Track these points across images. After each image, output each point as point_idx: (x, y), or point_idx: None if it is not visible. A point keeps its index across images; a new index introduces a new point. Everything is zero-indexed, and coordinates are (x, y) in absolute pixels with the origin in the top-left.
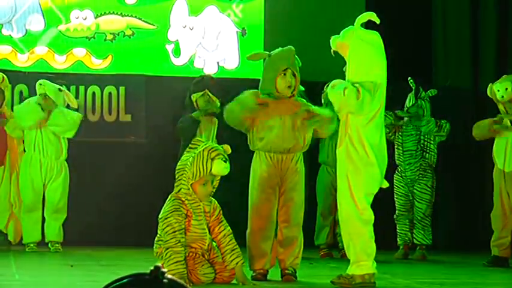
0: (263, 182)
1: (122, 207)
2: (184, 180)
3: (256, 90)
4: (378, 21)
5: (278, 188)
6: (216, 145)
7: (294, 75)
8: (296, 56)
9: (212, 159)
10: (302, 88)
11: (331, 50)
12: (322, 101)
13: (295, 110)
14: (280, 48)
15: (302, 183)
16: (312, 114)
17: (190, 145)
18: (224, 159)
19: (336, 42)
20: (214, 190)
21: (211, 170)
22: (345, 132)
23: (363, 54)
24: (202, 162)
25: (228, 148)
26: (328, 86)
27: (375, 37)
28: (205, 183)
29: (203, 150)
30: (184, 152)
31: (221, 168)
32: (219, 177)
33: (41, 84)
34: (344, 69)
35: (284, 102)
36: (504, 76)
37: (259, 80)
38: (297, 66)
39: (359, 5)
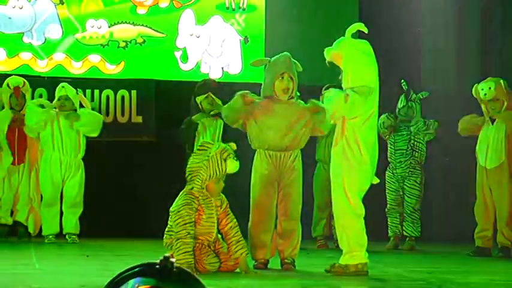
0: (263, 178)
1: (133, 201)
2: (199, 181)
3: (244, 92)
4: (366, 31)
5: (277, 184)
6: (225, 145)
7: (292, 78)
8: (296, 62)
9: (225, 160)
10: (297, 93)
11: (326, 61)
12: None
13: (295, 111)
14: (278, 55)
15: (299, 180)
16: (317, 107)
17: (199, 147)
18: (235, 158)
19: (330, 53)
20: (223, 185)
21: (225, 170)
22: (341, 134)
23: (356, 62)
24: (218, 164)
25: (233, 145)
26: (325, 89)
27: (366, 46)
28: (218, 182)
29: (215, 153)
30: (192, 154)
31: (234, 166)
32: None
33: (63, 87)
34: (340, 77)
35: (282, 103)
36: (489, 78)
37: (260, 84)
38: (294, 70)
39: (352, 14)
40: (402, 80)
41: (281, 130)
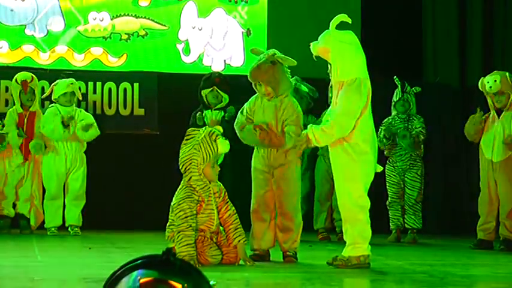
0: (256, 171)
1: (135, 194)
2: (195, 168)
3: (242, 108)
4: (350, 21)
5: (270, 177)
6: (211, 128)
7: (268, 83)
8: (286, 57)
9: (215, 141)
10: (305, 89)
11: (313, 56)
12: (330, 95)
13: (281, 108)
14: (262, 54)
15: (293, 174)
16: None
17: (186, 136)
18: (224, 137)
19: (316, 48)
20: (219, 169)
21: (217, 150)
22: None
23: (344, 54)
24: (209, 146)
25: (220, 128)
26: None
27: (351, 36)
28: (213, 165)
29: (204, 136)
30: (182, 145)
31: (225, 145)
32: (222, 157)
33: (72, 84)
34: (328, 71)
35: (269, 101)
36: (495, 71)
37: None
38: (272, 74)
39: (355, 5)
40: (394, 77)
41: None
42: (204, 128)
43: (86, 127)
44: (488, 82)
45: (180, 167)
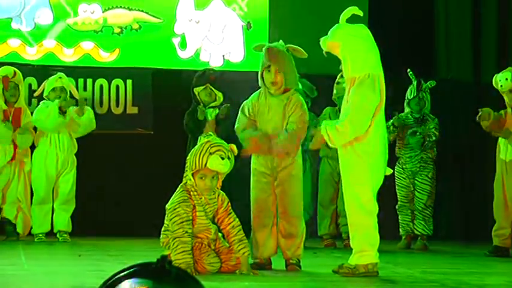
0: (257, 173)
1: (128, 198)
2: (188, 171)
3: (242, 106)
4: (361, 14)
5: (273, 179)
6: (221, 141)
7: (280, 71)
8: (298, 49)
9: (211, 154)
10: (301, 87)
11: (323, 52)
12: (334, 92)
13: (286, 106)
14: (273, 43)
15: (297, 176)
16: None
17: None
18: (224, 156)
19: (326, 43)
20: (215, 186)
21: (206, 163)
22: None
23: (355, 49)
24: (200, 155)
25: (234, 147)
26: (341, 76)
27: (363, 30)
28: (202, 177)
29: (206, 142)
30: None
31: (216, 163)
32: (223, 175)
33: (60, 78)
34: (340, 67)
35: (274, 97)
36: (509, 67)
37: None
38: (287, 62)
39: None
40: (408, 70)
41: (271, 126)
42: (216, 137)
43: (80, 109)
44: (500, 80)
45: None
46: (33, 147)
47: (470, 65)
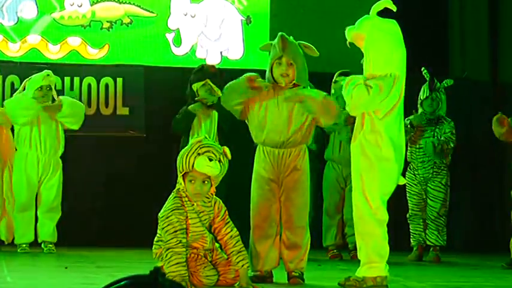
0: (260, 179)
1: (118, 206)
2: (178, 174)
3: (253, 74)
4: (394, 9)
5: (278, 186)
6: (212, 143)
7: (292, 63)
8: (310, 46)
9: (199, 155)
10: (308, 83)
11: (347, 42)
12: (332, 92)
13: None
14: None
15: (305, 182)
16: (302, 97)
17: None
18: (213, 158)
19: (351, 34)
20: (206, 191)
21: (193, 165)
22: (360, 127)
23: (380, 44)
24: (188, 155)
25: (226, 150)
26: (338, 76)
27: (393, 26)
28: (191, 180)
29: (196, 143)
30: None
31: (203, 165)
32: (216, 179)
33: (48, 75)
34: (362, 61)
35: (283, 90)
36: None
37: (264, 70)
38: (298, 54)
39: None
40: (423, 68)
41: (279, 123)
42: (208, 138)
43: (54, 108)
44: None
45: None
46: None
47: (487, 63)
